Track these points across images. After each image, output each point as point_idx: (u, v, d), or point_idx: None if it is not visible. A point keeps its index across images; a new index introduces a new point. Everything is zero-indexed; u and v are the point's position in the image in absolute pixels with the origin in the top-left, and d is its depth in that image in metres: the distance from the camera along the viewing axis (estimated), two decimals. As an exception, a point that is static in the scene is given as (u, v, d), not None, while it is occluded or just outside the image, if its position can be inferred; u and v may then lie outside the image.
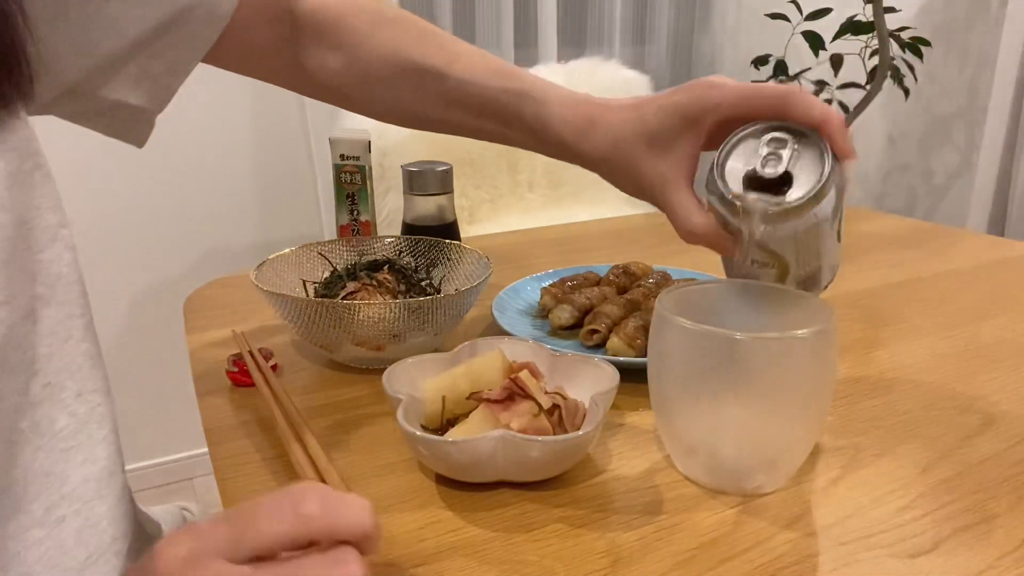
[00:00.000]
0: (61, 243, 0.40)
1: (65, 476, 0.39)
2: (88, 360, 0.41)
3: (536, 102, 0.52)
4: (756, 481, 0.43)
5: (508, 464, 0.42)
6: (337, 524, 0.28)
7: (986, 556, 0.38)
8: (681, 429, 0.44)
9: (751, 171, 0.44)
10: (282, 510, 0.28)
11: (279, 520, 0.28)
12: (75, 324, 0.40)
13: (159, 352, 1.71)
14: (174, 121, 1.68)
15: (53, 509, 0.38)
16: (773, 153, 0.44)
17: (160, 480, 1.80)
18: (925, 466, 0.47)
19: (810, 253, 0.45)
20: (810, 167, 0.43)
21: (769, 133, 0.45)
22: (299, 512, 0.28)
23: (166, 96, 0.53)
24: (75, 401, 0.40)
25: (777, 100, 0.44)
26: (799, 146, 0.44)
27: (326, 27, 0.55)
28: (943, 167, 2.02)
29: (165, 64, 0.51)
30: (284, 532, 0.27)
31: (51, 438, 0.38)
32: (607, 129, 0.50)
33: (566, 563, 0.38)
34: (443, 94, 0.55)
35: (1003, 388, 0.57)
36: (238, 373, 0.57)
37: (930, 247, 0.95)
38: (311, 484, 0.29)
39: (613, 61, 1.66)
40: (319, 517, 0.28)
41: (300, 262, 0.67)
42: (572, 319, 0.65)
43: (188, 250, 1.71)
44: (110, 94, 0.50)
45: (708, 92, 0.47)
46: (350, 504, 0.29)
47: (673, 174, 0.48)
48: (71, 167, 1.55)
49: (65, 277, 0.40)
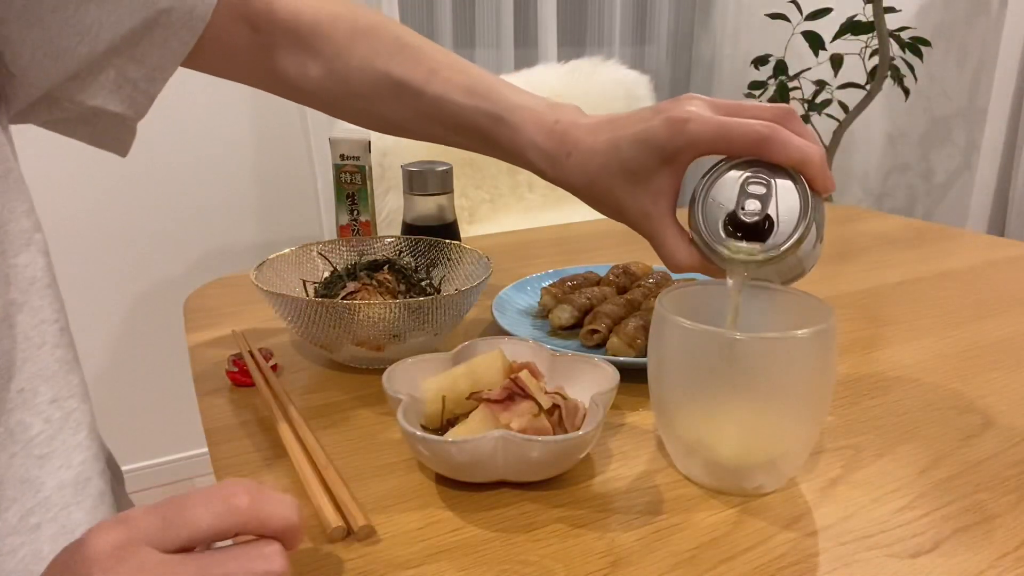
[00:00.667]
0: (35, 248, 0.40)
1: (40, 482, 0.38)
2: (63, 365, 0.41)
3: (510, 128, 0.51)
4: (756, 481, 0.43)
5: (508, 464, 0.42)
6: (264, 517, 0.29)
7: (986, 556, 0.38)
8: (681, 429, 0.44)
9: (730, 214, 0.44)
10: (212, 501, 0.28)
11: (209, 511, 0.28)
12: (49, 329, 0.40)
13: (159, 352, 1.71)
14: (175, 122, 1.68)
15: (28, 516, 0.37)
16: (752, 195, 0.44)
17: (160, 480, 1.80)
18: (925, 466, 0.47)
19: (794, 270, 0.46)
20: (790, 207, 0.43)
21: (746, 172, 0.44)
22: (229, 503, 0.29)
23: (145, 102, 0.52)
24: (50, 407, 0.39)
25: (753, 142, 0.43)
26: (778, 185, 0.44)
27: (302, 34, 0.55)
28: (943, 167, 2.02)
29: (144, 69, 0.50)
30: (212, 523, 0.28)
31: (25, 444, 0.38)
32: (583, 161, 0.49)
33: (566, 563, 0.38)
34: (421, 110, 0.54)
35: (1003, 388, 0.57)
36: (238, 373, 0.57)
37: (930, 247, 0.95)
38: (241, 480, 0.30)
39: (613, 61, 1.66)
40: (247, 509, 0.29)
41: (300, 262, 0.67)
42: (572, 319, 0.65)
43: (188, 250, 1.71)
44: (88, 100, 0.49)
45: (684, 128, 0.45)
46: (278, 500, 0.30)
47: (655, 210, 0.48)
48: (71, 168, 1.55)
49: (39, 282, 0.40)
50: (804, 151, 0.43)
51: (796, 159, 0.43)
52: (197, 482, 1.81)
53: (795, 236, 0.43)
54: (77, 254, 1.60)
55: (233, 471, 0.46)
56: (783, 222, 0.43)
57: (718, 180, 0.45)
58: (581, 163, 0.49)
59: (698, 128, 0.45)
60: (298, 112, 1.72)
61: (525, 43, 1.96)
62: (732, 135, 0.44)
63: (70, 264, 1.60)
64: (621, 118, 0.49)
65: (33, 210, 0.41)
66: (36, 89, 0.47)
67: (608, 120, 0.49)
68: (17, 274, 0.38)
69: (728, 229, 0.44)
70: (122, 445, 1.80)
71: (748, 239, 0.44)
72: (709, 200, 0.45)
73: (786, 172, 0.44)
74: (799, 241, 0.43)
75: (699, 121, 0.45)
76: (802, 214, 0.43)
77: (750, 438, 0.42)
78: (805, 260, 0.45)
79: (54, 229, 1.56)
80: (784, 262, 0.44)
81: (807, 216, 0.43)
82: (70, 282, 1.60)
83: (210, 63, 0.56)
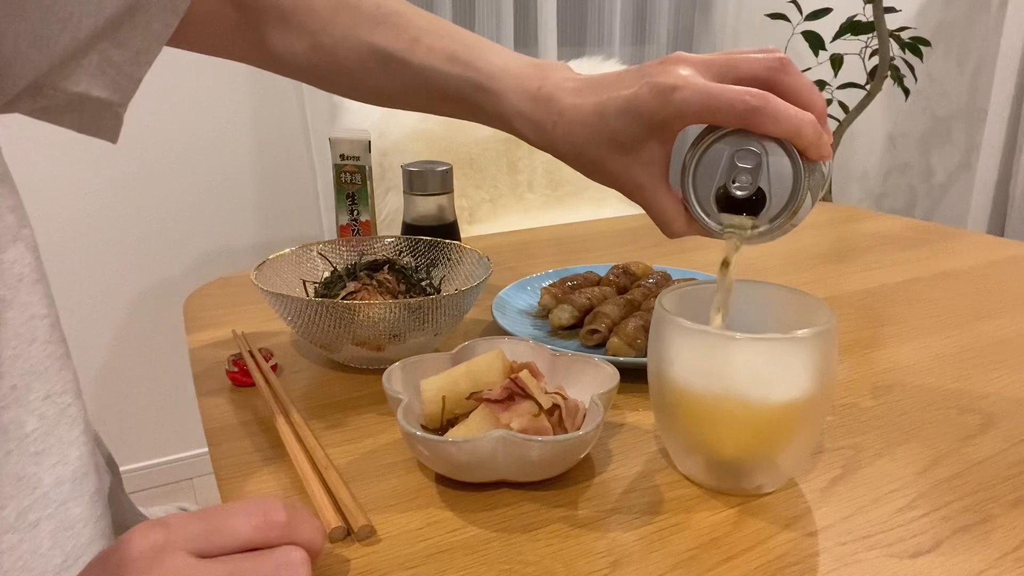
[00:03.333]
0: (22, 244, 0.40)
1: (38, 479, 0.38)
2: (55, 361, 0.41)
3: (494, 96, 0.50)
4: (756, 481, 0.43)
5: (508, 464, 0.42)
6: (296, 535, 0.32)
7: (986, 556, 0.38)
8: (681, 429, 0.44)
9: (721, 189, 0.43)
10: (253, 514, 0.31)
11: (249, 523, 0.30)
12: (40, 325, 0.40)
13: (159, 352, 1.71)
14: (175, 122, 1.68)
15: (26, 513, 0.37)
16: (742, 168, 0.43)
17: (160, 480, 1.80)
18: (925, 466, 0.47)
19: (786, 231, 0.45)
20: (782, 178, 0.42)
21: (736, 143, 0.43)
22: (269, 518, 0.31)
23: (130, 86, 0.52)
24: (43, 403, 0.39)
25: (741, 113, 0.41)
26: (769, 155, 0.42)
27: (285, 8, 0.55)
28: (943, 167, 2.02)
29: (127, 53, 0.50)
30: (251, 535, 0.30)
31: (21, 441, 0.38)
32: (569, 131, 0.48)
33: (566, 563, 0.38)
34: (407, 81, 0.54)
35: (1003, 388, 0.57)
36: (238, 373, 0.57)
37: (930, 247, 0.95)
38: (279, 497, 0.32)
39: (613, 61, 1.66)
40: (284, 525, 0.31)
41: (300, 262, 0.67)
42: (572, 319, 0.65)
43: (188, 250, 1.71)
44: (73, 87, 0.49)
45: (671, 98, 0.43)
46: (311, 522, 0.33)
47: (647, 179, 0.46)
48: (71, 168, 1.55)
49: (27, 278, 0.40)
50: (794, 122, 0.41)
51: (786, 132, 0.41)
52: (196, 482, 1.81)
53: (788, 209, 0.42)
54: (77, 254, 1.60)
55: (233, 471, 0.46)
56: (775, 195, 0.42)
57: (707, 152, 0.44)
58: (568, 133, 0.48)
59: (685, 97, 0.42)
60: (298, 112, 1.72)
61: (525, 43, 1.96)
62: (719, 106, 0.42)
63: (70, 264, 1.60)
64: (606, 81, 0.47)
65: (20, 205, 0.40)
66: (21, 80, 0.46)
67: (593, 83, 0.47)
68: (5, 270, 0.38)
69: (720, 202, 0.44)
70: (122, 445, 1.80)
71: (741, 211, 0.43)
72: (699, 173, 0.44)
73: (777, 142, 0.42)
74: (793, 213, 0.42)
75: (687, 90, 0.43)
76: (795, 186, 0.42)
77: (750, 438, 0.42)
78: (799, 221, 0.44)
79: (54, 229, 1.56)
80: (780, 232, 0.43)
81: (800, 187, 0.42)
82: (70, 282, 1.60)
83: (196, 42, 0.55)
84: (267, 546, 0.31)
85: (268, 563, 0.30)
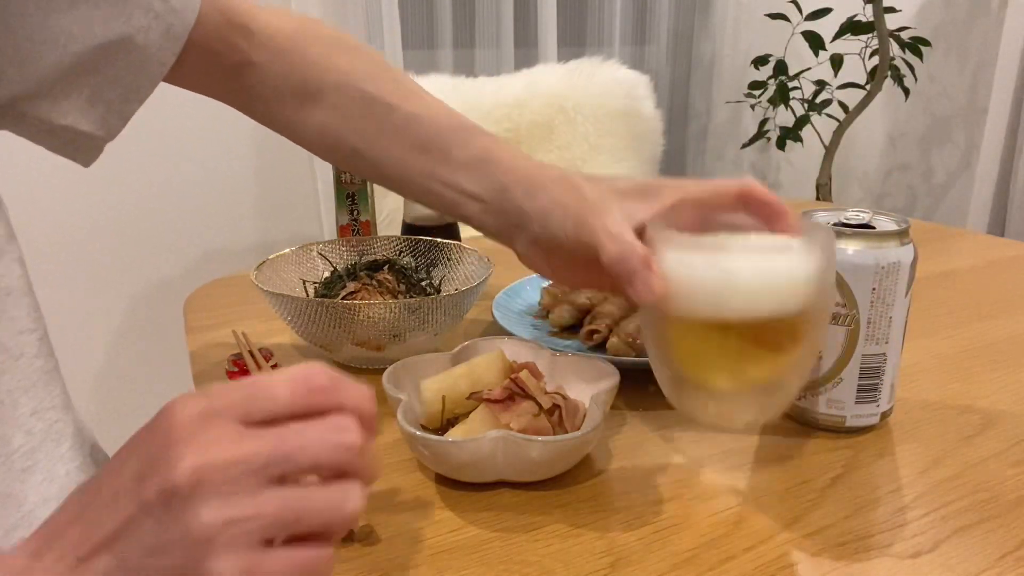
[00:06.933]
0: (9, 257, 0.39)
1: (23, 497, 0.38)
2: (43, 376, 0.40)
3: (514, 188, 0.47)
4: (749, 414, 0.43)
5: (508, 464, 0.42)
6: (342, 399, 0.29)
7: (986, 556, 0.38)
8: (676, 360, 0.43)
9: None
10: (294, 380, 0.29)
11: (289, 387, 0.28)
12: (27, 340, 0.39)
13: (159, 352, 1.71)
14: (174, 121, 1.68)
15: (12, 532, 0.37)
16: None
17: (160, 480, 1.80)
18: (925, 466, 0.47)
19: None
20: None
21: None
22: (310, 383, 0.29)
23: (119, 123, 0.50)
24: (30, 419, 0.39)
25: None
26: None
27: (282, 50, 0.53)
28: (943, 167, 2.02)
29: (120, 89, 0.48)
30: (292, 399, 0.28)
31: (7, 458, 0.37)
32: (527, 251, 0.47)
33: (566, 563, 0.38)
34: (390, 125, 0.51)
35: (1003, 388, 0.57)
36: (238, 373, 0.57)
37: (930, 247, 0.95)
38: (322, 363, 0.30)
39: (613, 61, 1.66)
40: (327, 389, 0.29)
41: (300, 262, 0.67)
42: (572, 319, 0.65)
43: (188, 250, 1.71)
44: (59, 119, 0.46)
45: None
46: (356, 386, 0.30)
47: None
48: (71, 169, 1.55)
49: (15, 291, 0.39)
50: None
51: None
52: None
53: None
54: (77, 255, 1.60)
55: (233, 471, 0.46)
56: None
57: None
58: (527, 249, 0.47)
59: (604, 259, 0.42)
60: (298, 112, 1.72)
61: (525, 43, 1.96)
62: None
63: (69, 265, 1.60)
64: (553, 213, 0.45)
65: (6, 218, 0.40)
66: (1, 97, 0.44)
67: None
68: None
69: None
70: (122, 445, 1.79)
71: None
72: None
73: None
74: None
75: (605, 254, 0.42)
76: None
77: (745, 366, 0.42)
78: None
79: (53, 230, 1.56)
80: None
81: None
82: (70, 283, 1.60)
83: (188, 80, 0.53)
84: (313, 413, 0.29)
85: (317, 427, 0.28)
